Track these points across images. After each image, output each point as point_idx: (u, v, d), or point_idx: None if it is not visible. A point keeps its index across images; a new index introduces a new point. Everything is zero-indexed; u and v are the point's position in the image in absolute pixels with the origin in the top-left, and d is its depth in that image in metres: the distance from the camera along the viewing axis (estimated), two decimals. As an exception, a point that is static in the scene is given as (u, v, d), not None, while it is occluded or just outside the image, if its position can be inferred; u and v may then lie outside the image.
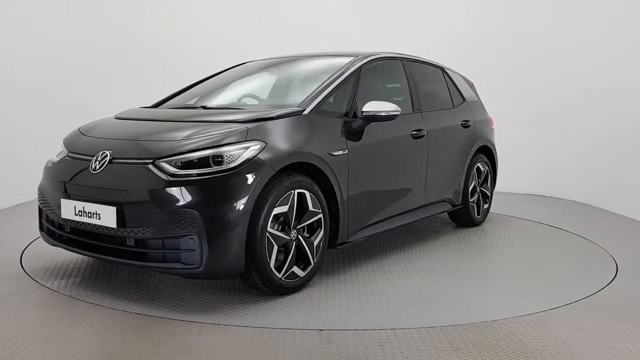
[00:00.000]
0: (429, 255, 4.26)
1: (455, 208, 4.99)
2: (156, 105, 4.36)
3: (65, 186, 3.29)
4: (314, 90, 3.72)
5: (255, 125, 3.20)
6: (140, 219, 2.96)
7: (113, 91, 6.99)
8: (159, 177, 2.96)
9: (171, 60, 7.40)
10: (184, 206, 2.89)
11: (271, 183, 3.10)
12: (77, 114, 5.06)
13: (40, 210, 3.59)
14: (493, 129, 5.60)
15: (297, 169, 3.31)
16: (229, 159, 3.00)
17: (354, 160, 3.65)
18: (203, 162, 3.00)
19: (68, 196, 3.26)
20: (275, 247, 3.12)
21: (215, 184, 2.93)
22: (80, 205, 3.17)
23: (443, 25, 7.40)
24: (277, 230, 3.16)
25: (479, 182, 5.27)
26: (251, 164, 3.02)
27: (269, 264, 3.10)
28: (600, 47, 6.41)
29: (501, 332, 2.83)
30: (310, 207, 3.32)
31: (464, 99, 5.23)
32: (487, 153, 5.43)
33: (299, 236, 3.28)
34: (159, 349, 2.57)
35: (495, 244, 4.64)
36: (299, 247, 3.30)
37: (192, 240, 2.89)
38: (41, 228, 3.61)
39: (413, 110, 4.41)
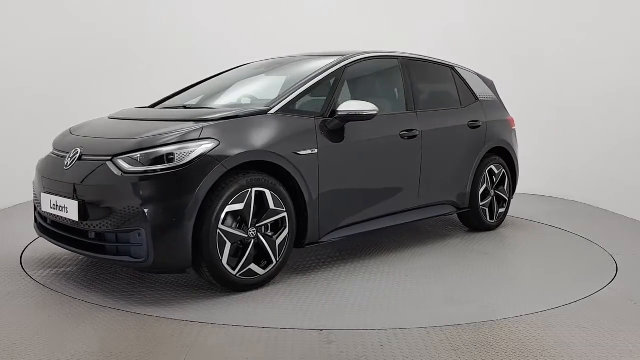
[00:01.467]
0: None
1: (461, 211, 4.84)
2: (153, 106, 4.39)
3: (45, 181, 3.50)
4: (286, 90, 3.75)
5: (211, 125, 3.26)
6: (98, 214, 3.10)
7: (115, 92, 6.97)
8: (113, 173, 3.09)
9: (174, 60, 7.38)
10: (132, 202, 3.00)
11: (224, 181, 3.16)
12: (78, 114, 5.04)
13: (34, 204, 3.82)
14: (514, 129, 5.37)
15: (261, 167, 3.36)
16: (179, 156, 3.08)
17: (326, 160, 3.63)
18: (156, 160, 3.08)
19: (47, 191, 3.46)
20: (228, 244, 3.17)
21: (162, 181, 3.02)
22: (54, 199, 3.36)
23: (460, 24, 7.37)
24: (233, 227, 3.20)
25: (492, 185, 5.05)
26: (200, 162, 3.08)
27: (221, 260, 3.15)
28: (607, 50, 6.40)
29: (501, 332, 2.83)
30: (271, 206, 3.35)
31: (476, 98, 5.06)
32: (505, 155, 5.21)
33: (259, 234, 3.31)
34: (159, 349, 2.57)
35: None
36: (261, 245, 3.34)
37: (139, 235, 3.00)
38: (35, 220, 3.83)
39: (407, 110, 4.34)
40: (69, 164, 3.33)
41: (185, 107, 4.08)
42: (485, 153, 4.95)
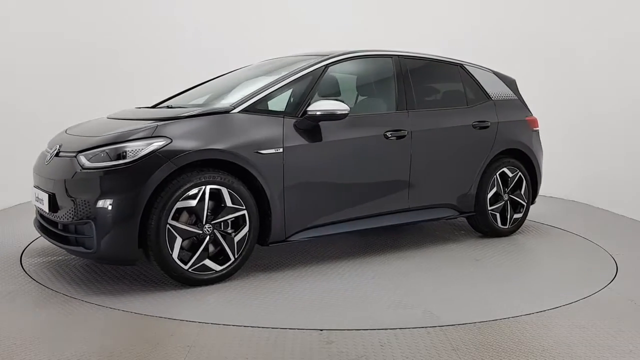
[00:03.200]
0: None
1: (464, 215, 4.68)
2: (154, 106, 4.39)
3: (34, 176, 3.73)
4: (255, 90, 3.76)
5: (166, 124, 3.37)
6: (63, 206, 3.31)
7: (117, 92, 6.96)
8: (74, 169, 3.28)
9: (181, 60, 7.35)
10: (86, 195, 3.19)
11: (175, 178, 3.26)
12: (79, 114, 5.05)
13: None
14: (536, 130, 5.10)
15: (222, 165, 3.43)
16: (131, 154, 3.22)
17: (293, 160, 3.64)
18: (110, 156, 3.24)
19: (35, 185, 3.69)
20: (179, 239, 3.27)
21: (112, 177, 3.18)
22: (37, 192, 3.60)
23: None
24: (185, 223, 3.30)
25: (506, 189, 4.81)
26: (149, 159, 3.20)
27: (171, 254, 3.26)
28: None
29: (501, 332, 2.83)
30: (229, 204, 3.41)
31: (488, 97, 4.86)
32: (522, 157, 4.96)
33: (216, 231, 3.38)
34: (159, 349, 2.57)
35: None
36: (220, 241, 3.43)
37: (90, 227, 3.19)
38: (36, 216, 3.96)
39: (397, 110, 4.25)
40: (48, 159, 3.55)
41: (168, 107, 4.12)
42: (495, 155, 4.74)
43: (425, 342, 2.70)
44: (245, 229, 3.49)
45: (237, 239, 3.46)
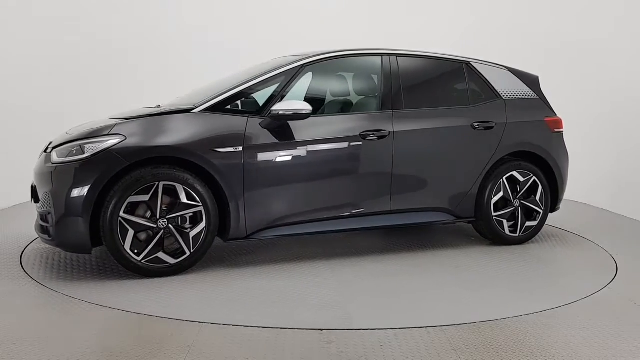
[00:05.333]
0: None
1: (463, 221, 4.45)
2: (159, 106, 4.40)
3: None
4: (221, 90, 3.85)
5: (125, 122, 3.59)
6: (39, 198, 3.63)
7: (120, 92, 6.95)
8: (47, 163, 3.59)
9: (189, 60, 7.32)
10: (48, 187, 3.50)
11: (129, 174, 3.45)
12: (80, 114, 5.05)
13: None
14: (557, 132, 4.71)
15: (180, 163, 3.56)
16: (88, 150, 3.46)
17: (254, 159, 3.70)
18: (71, 152, 3.50)
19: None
20: (131, 232, 3.46)
21: (67, 171, 3.45)
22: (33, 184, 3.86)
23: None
24: (140, 217, 3.49)
25: (516, 194, 4.49)
26: (102, 156, 3.42)
27: (123, 245, 3.45)
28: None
29: (501, 332, 2.83)
30: (183, 200, 3.54)
31: (497, 96, 4.57)
32: (539, 161, 4.63)
33: (170, 226, 3.53)
34: (159, 349, 2.57)
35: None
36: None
37: (51, 217, 3.47)
38: None
39: (381, 110, 4.14)
40: (40, 154, 3.85)
41: (158, 106, 4.19)
42: (501, 157, 4.46)
43: (425, 342, 2.70)
44: (202, 225, 3.60)
45: (192, 234, 3.59)
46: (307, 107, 3.73)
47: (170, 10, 7.40)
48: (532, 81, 4.86)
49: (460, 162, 4.37)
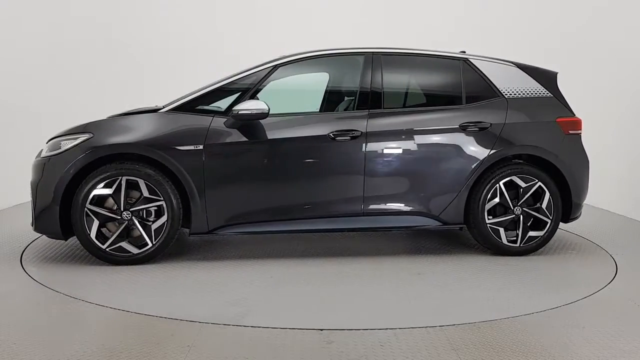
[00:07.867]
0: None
1: (450, 227, 4.19)
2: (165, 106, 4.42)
3: None
4: (192, 92, 4.04)
5: (95, 121, 3.93)
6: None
7: (123, 93, 6.95)
8: (37, 157, 3.96)
9: (196, 61, 7.31)
10: (33, 179, 3.87)
11: (95, 168, 3.76)
12: (80, 114, 5.05)
13: None
14: (573, 134, 4.31)
15: (146, 160, 3.80)
16: (63, 146, 3.81)
17: (215, 157, 3.84)
18: (51, 148, 3.86)
19: None
20: (96, 222, 3.76)
21: (41, 165, 3.83)
22: None
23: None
24: (106, 209, 3.78)
25: (517, 201, 4.16)
26: (70, 152, 3.76)
27: (89, 234, 3.75)
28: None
29: (501, 332, 2.83)
30: (145, 194, 3.80)
31: (499, 94, 4.25)
32: (547, 165, 4.26)
33: (134, 218, 3.79)
34: (159, 349, 2.57)
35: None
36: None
37: (32, 206, 3.85)
38: None
39: (356, 110, 4.07)
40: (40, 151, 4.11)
41: (157, 106, 4.33)
42: (496, 160, 4.14)
43: (425, 342, 2.70)
44: (164, 218, 3.82)
45: (154, 227, 3.82)
46: (264, 107, 3.82)
47: (171, 10, 7.39)
48: (547, 78, 4.43)
49: (444, 165, 4.11)
